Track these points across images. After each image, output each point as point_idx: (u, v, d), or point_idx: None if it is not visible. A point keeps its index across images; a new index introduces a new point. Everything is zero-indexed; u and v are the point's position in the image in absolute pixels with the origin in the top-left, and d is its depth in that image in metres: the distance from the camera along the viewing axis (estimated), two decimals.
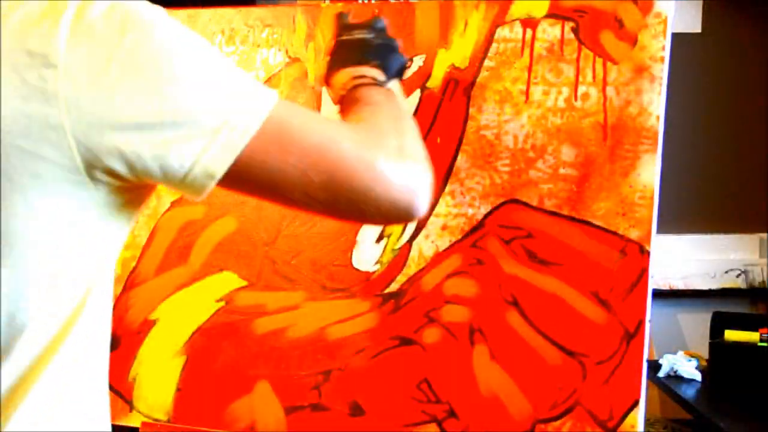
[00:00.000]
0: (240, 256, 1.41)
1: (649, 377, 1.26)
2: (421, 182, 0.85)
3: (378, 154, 0.82)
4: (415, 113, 1.37)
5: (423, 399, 1.25)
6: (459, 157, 1.33)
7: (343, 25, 1.23)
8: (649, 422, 2.35)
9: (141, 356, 1.41)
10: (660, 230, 1.21)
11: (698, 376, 2.31)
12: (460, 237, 1.30)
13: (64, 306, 0.79)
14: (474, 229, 1.29)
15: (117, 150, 0.74)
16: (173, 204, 1.48)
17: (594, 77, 1.29)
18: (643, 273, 1.19)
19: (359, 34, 1.18)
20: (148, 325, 1.42)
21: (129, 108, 0.73)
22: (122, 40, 0.73)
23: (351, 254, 1.35)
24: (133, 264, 1.47)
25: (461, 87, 1.36)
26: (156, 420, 1.39)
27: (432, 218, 1.32)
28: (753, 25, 2.87)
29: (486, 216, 1.29)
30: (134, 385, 1.40)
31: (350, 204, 0.81)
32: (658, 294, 2.44)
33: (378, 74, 1.10)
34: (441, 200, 1.33)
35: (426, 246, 1.32)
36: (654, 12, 1.26)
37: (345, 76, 1.10)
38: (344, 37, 1.19)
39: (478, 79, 1.35)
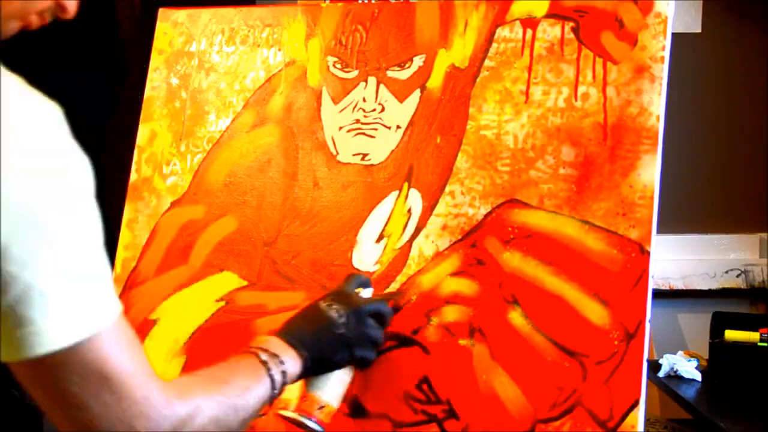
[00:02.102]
0: (240, 256, 1.41)
1: (649, 377, 1.25)
2: None
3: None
4: (415, 113, 1.38)
5: (423, 399, 1.25)
6: (459, 157, 1.33)
7: (337, 291, 1.19)
8: (649, 422, 2.35)
9: None
10: (660, 230, 1.21)
11: (698, 376, 2.31)
12: (460, 237, 1.30)
13: None
14: (474, 229, 1.29)
15: None
16: (173, 204, 1.48)
17: (594, 77, 1.29)
18: (643, 273, 1.19)
19: (335, 312, 1.14)
20: (148, 325, 1.42)
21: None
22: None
23: (351, 254, 1.35)
24: (133, 264, 1.47)
25: (461, 87, 1.36)
26: None
27: (432, 218, 1.32)
28: (753, 25, 2.87)
29: (486, 216, 1.29)
30: None
31: None
32: (658, 294, 2.44)
33: (292, 365, 1.06)
34: (441, 200, 1.33)
35: (426, 246, 1.32)
36: (654, 12, 1.26)
37: (261, 340, 1.08)
38: (321, 303, 1.15)
39: (478, 79, 1.35)
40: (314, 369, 1.12)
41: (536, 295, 1.23)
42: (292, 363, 1.07)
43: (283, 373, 1.05)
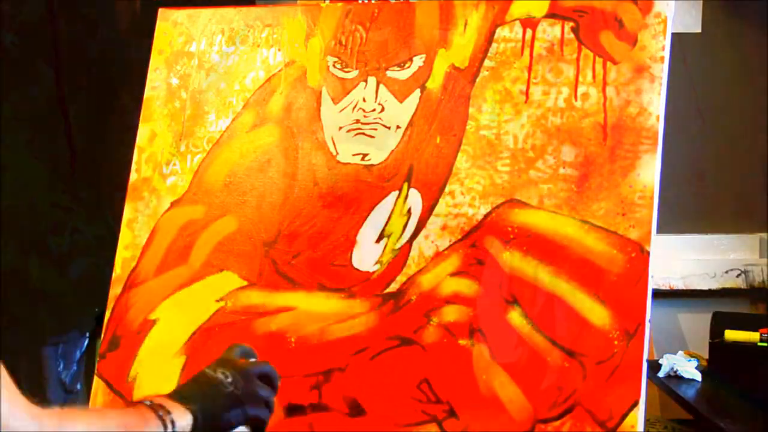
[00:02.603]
0: (240, 256, 1.42)
1: (649, 377, 1.26)
2: None
3: None
4: (415, 113, 1.38)
5: (423, 399, 1.25)
6: (459, 157, 1.33)
7: (221, 359, 1.16)
8: (649, 422, 2.35)
9: (141, 356, 1.41)
10: (660, 230, 1.21)
11: (698, 376, 2.31)
12: (460, 237, 1.30)
13: None
14: (474, 229, 1.30)
15: None
16: (173, 204, 1.48)
17: (594, 77, 1.29)
18: (643, 273, 1.19)
19: (221, 374, 1.11)
20: (148, 325, 1.42)
21: None
22: None
23: (351, 254, 1.35)
24: (133, 264, 1.47)
25: (461, 87, 1.36)
26: None
27: (432, 218, 1.33)
28: (753, 25, 2.87)
29: (486, 216, 1.29)
30: (134, 385, 1.40)
31: None
32: (658, 294, 2.44)
33: (180, 415, 1.03)
34: (441, 200, 1.33)
35: (426, 246, 1.32)
36: (654, 12, 1.26)
37: (147, 399, 1.05)
38: (206, 369, 1.12)
39: (478, 79, 1.35)
40: (205, 426, 1.08)
41: (536, 295, 1.23)
42: (180, 414, 1.04)
43: (172, 422, 1.03)
